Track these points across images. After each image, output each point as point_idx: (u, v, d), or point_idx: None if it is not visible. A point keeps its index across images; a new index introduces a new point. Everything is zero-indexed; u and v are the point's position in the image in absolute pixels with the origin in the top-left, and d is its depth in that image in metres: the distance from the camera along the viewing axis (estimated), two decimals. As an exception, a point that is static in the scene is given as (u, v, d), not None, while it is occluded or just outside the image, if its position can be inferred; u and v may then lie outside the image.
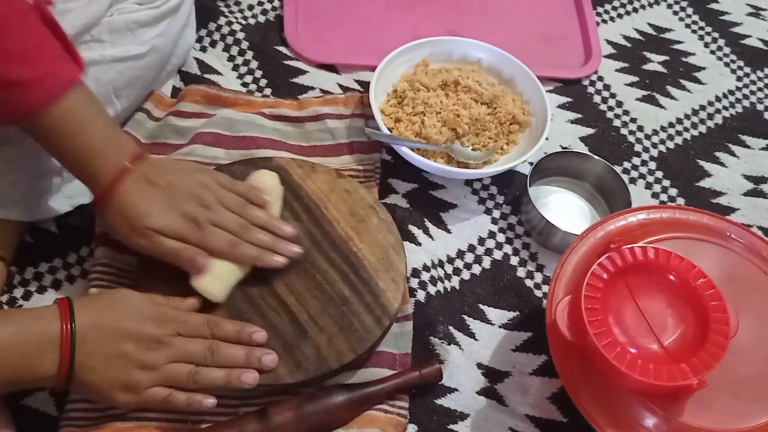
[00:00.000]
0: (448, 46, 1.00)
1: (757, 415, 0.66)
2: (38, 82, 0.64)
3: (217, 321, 0.70)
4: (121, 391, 0.64)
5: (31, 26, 0.65)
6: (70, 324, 0.61)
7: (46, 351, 0.60)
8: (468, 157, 0.92)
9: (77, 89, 0.67)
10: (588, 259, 0.73)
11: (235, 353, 0.69)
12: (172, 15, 0.88)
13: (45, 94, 0.65)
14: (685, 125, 1.06)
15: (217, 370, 0.67)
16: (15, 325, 0.61)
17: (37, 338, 0.60)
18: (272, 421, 0.68)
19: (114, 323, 0.64)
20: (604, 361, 0.65)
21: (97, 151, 0.68)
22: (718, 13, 1.22)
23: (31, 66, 0.64)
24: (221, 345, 0.68)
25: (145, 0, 0.84)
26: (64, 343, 0.61)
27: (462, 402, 0.77)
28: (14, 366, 0.60)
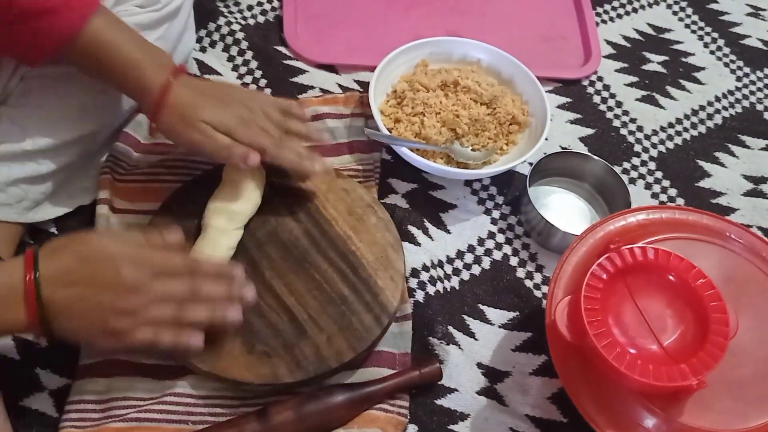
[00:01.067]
0: (448, 46, 1.00)
1: (756, 416, 0.66)
2: (67, 6, 0.67)
3: (196, 261, 0.69)
4: (103, 337, 0.63)
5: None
6: (33, 273, 0.60)
7: (12, 301, 0.59)
8: (467, 158, 0.92)
9: (105, 13, 0.71)
10: (588, 260, 0.73)
11: (217, 289, 0.67)
12: (172, 19, 0.88)
13: (76, 16, 0.68)
14: (684, 125, 1.06)
15: (200, 308, 0.66)
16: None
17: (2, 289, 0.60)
18: (272, 420, 0.68)
19: (85, 271, 0.62)
20: (604, 362, 0.65)
21: (144, 62, 0.73)
22: (717, 14, 1.22)
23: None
24: (203, 283, 0.66)
25: (146, 2, 0.84)
26: (28, 291, 0.59)
27: (462, 402, 0.77)
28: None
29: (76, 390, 0.71)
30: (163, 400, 0.71)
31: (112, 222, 0.80)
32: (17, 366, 0.73)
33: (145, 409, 0.70)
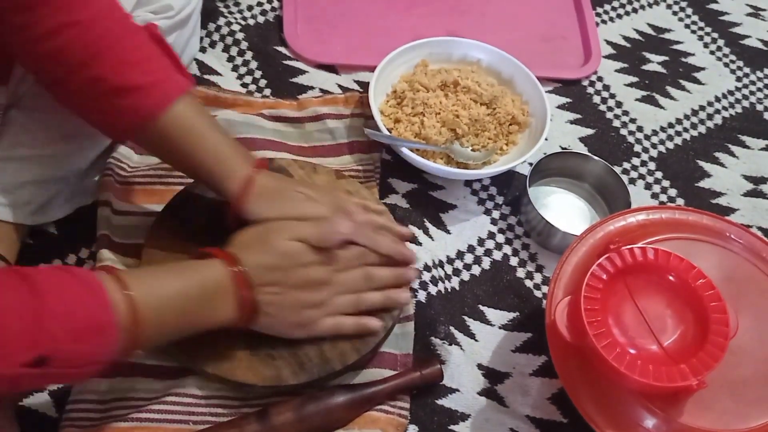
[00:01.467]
0: (448, 46, 1.00)
1: (756, 416, 0.66)
2: (154, 86, 0.67)
3: (364, 252, 0.73)
4: (295, 329, 0.70)
5: (143, 42, 0.69)
6: (238, 266, 0.64)
7: (222, 296, 0.63)
8: (467, 158, 0.92)
9: (190, 98, 0.70)
10: (587, 260, 0.73)
11: (386, 275, 0.74)
12: (183, 26, 0.89)
13: (161, 97, 0.68)
14: (684, 125, 1.06)
15: (375, 294, 0.73)
16: (181, 279, 0.63)
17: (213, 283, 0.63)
18: (273, 421, 0.68)
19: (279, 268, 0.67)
20: (604, 362, 0.65)
21: (229, 149, 0.71)
22: (717, 14, 1.22)
23: (147, 73, 0.67)
24: (374, 270, 0.73)
25: (159, 10, 0.85)
26: (240, 284, 0.64)
27: (463, 402, 0.77)
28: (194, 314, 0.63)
29: (76, 390, 0.71)
30: (164, 400, 0.70)
31: (114, 224, 0.80)
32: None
33: (145, 409, 0.70)
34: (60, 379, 0.54)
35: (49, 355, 0.51)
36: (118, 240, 0.80)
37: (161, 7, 0.86)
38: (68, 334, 0.52)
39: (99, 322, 0.55)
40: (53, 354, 0.51)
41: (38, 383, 0.52)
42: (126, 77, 0.66)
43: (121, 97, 0.66)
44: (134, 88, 0.66)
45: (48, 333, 0.51)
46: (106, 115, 0.69)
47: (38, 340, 0.50)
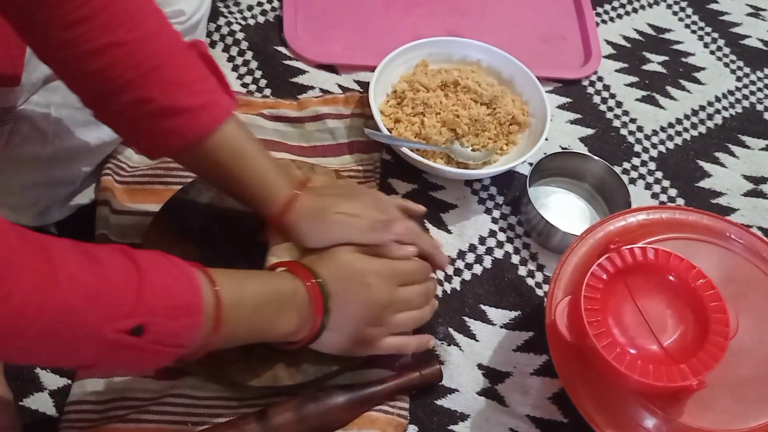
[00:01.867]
0: (448, 46, 1.00)
1: (756, 416, 0.66)
2: (203, 108, 0.66)
3: (424, 265, 0.74)
4: (357, 346, 0.70)
5: (192, 62, 0.68)
6: (316, 279, 0.66)
7: (294, 306, 0.64)
8: (467, 158, 0.92)
9: (235, 120, 0.70)
10: (588, 260, 0.73)
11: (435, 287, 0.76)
12: (194, 31, 0.90)
13: (210, 120, 0.67)
14: (684, 125, 1.06)
15: (427, 309, 0.74)
16: (260, 284, 0.64)
17: (288, 294, 0.64)
18: (272, 421, 0.68)
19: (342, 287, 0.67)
20: (604, 362, 0.65)
21: (272, 172, 0.71)
22: (717, 14, 1.22)
23: (197, 95, 0.66)
24: (430, 285, 0.74)
25: (171, 15, 0.85)
26: (315, 297, 0.65)
27: (462, 402, 0.77)
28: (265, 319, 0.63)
29: (75, 391, 0.71)
30: (163, 401, 0.71)
31: (112, 223, 0.80)
32: (17, 366, 0.73)
33: (144, 410, 0.70)
34: (148, 356, 0.55)
35: (146, 325, 0.53)
36: (116, 239, 0.80)
37: (174, 12, 0.86)
38: (164, 308, 0.54)
39: (190, 303, 0.56)
40: (150, 324, 0.53)
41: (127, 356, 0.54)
42: (174, 99, 0.64)
43: (168, 118, 0.65)
44: (182, 110, 0.65)
45: (148, 304, 0.53)
46: (150, 136, 0.67)
47: (138, 309, 0.52)
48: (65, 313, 0.49)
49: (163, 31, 0.66)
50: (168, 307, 0.55)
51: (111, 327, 0.51)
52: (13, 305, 0.46)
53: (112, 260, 0.53)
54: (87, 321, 0.50)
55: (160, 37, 0.65)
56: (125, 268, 0.53)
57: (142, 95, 0.64)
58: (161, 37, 0.66)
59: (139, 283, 0.53)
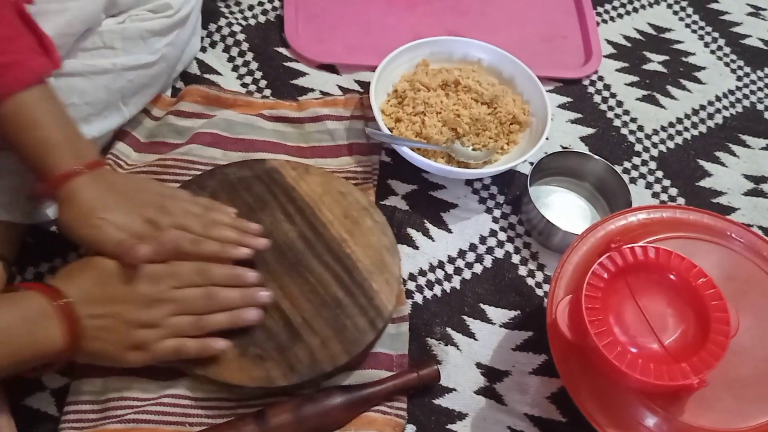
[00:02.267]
0: (449, 46, 1.00)
1: (757, 415, 0.66)
2: (7, 67, 0.64)
3: (207, 267, 0.70)
4: (130, 352, 0.65)
5: (6, 18, 0.65)
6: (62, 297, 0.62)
7: (45, 327, 0.61)
8: (468, 157, 0.92)
9: (45, 86, 0.67)
10: (588, 259, 0.73)
11: (232, 295, 0.70)
12: (182, 25, 0.89)
13: (12, 81, 0.65)
14: (685, 125, 1.06)
15: (219, 314, 0.69)
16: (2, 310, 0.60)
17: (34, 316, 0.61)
18: (270, 422, 0.68)
19: (105, 290, 0.64)
20: (605, 361, 0.65)
21: (55, 146, 0.67)
22: (718, 13, 1.22)
23: (5, 53, 0.64)
24: (217, 289, 0.69)
25: (158, 8, 0.85)
26: (65, 314, 0.61)
27: (460, 402, 0.77)
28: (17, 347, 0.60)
29: (73, 390, 0.71)
30: (161, 401, 0.71)
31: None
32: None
33: (142, 410, 0.70)
34: None
35: None
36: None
37: (160, 5, 0.86)
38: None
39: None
40: None
41: None
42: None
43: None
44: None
45: None
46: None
47: None
48: None
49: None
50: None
51: None
52: None
53: None
54: None
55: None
56: None
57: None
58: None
59: None
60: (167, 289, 0.67)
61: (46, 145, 0.67)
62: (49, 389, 0.72)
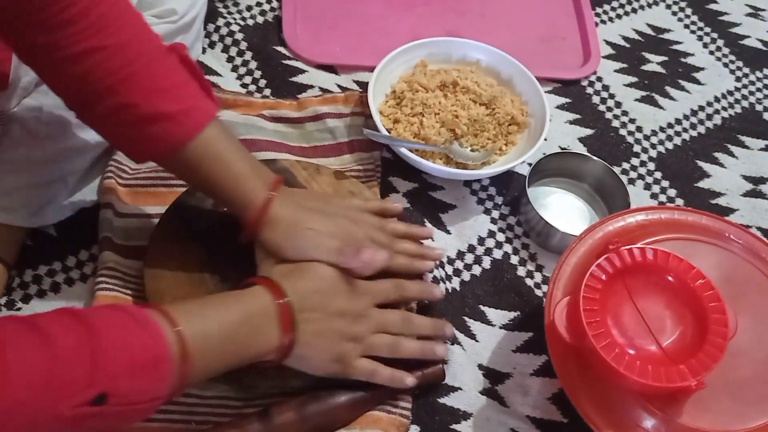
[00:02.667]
0: (447, 46, 1.00)
1: (755, 417, 0.66)
2: (185, 114, 0.66)
3: (402, 284, 0.73)
4: (332, 362, 0.67)
5: (173, 67, 0.68)
6: (285, 297, 0.64)
7: (265, 327, 0.63)
8: (467, 158, 0.92)
9: (217, 122, 0.69)
10: (587, 260, 0.73)
11: (425, 323, 0.74)
12: (187, 31, 0.89)
13: (192, 125, 0.67)
14: (684, 126, 1.06)
15: (412, 341, 0.71)
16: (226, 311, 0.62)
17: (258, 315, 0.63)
18: (275, 421, 0.68)
19: (320, 298, 0.66)
20: (603, 363, 0.65)
21: (247, 178, 0.70)
22: (717, 14, 1.22)
23: (178, 100, 0.66)
24: (413, 316, 0.73)
25: (163, 14, 0.85)
26: (283, 314, 0.63)
27: (465, 401, 0.77)
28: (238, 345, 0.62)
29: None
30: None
31: (115, 226, 0.80)
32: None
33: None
34: (119, 419, 0.53)
35: (108, 392, 0.51)
36: (120, 242, 0.80)
37: (165, 11, 0.86)
38: (125, 369, 0.52)
39: (154, 356, 0.55)
40: (112, 390, 0.51)
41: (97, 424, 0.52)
42: (156, 105, 0.65)
43: (150, 124, 0.65)
44: (164, 117, 0.65)
45: (106, 370, 0.51)
46: (134, 142, 0.67)
47: (97, 377, 0.51)
48: (19, 406, 0.48)
49: (142, 35, 0.67)
50: (129, 366, 0.53)
51: (68, 404, 0.49)
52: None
53: (61, 330, 0.51)
54: (43, 407, 0.49)
55: (139, 42, 0.66)
56: (77, 337, 0.51)
57: (123, 101, 0.64)
58: (141, 42, 0.66)
59: (94, 349, 0.51)
60: (368, 308, 0.69)
61: (237, 179, 0.69)
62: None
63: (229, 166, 0.69)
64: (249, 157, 0.72)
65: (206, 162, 0.68)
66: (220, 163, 0.69)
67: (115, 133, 0.68)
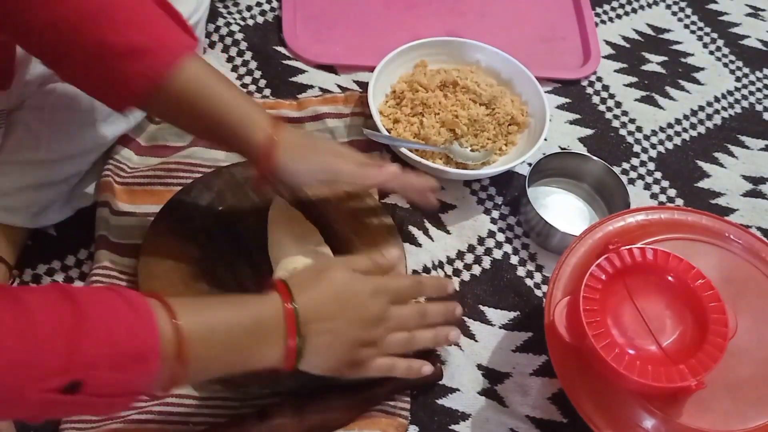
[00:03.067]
0: (447, 46, 1.00)
1: (755, 416, 0.66)
2: (160, 45, 0.64)
3: (420, 280, 0.73)
4: (348, 368, 0.66)
5: (147, 4, 0.66)
6: (291, 303, 0.60)
7: (271, 334, 0.59)
8: (467, 158, 0.92)
9: (197, 57, 0.67)
10: (587, 260, 0.73)
11: (438, 312, 0.71)
12: None
13: (168, 57, 0.64)
14: (684, 126, 1.06)
15: (426, 332, 0.70)
16: (233, 312, 0.59)
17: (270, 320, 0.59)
18: (272, 421, 0.68)
19: (336, 306, 0.63)
20: (603, 363, 0.65)
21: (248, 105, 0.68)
22: (717, 14, 1.22)
23: (152, 32, 0.64)
24: (428, 306, 0.71)
25: None
26: (288, 321, 0.60)
27: (464, 402, 0.77)
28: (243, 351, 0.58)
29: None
30: (165, 401, 0.71)
31: (112, 224, 0.80)
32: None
33: (146, 410, 0.70)
34: (90, 409, 0.50)
35: (83, 381, 0.47)
36: (116, 240, 0.80)
37: None
38: (107, 359, 0.49)
39: (142, 349, 0.51)
40: (88, 380, 0.48)
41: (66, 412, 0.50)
42: (129, 39, 0.62)
43: (126, 61, 0.63)
44: (139, 51, 0.63)
45: (84, 357, 0.48)
46: (113, 84, 0.65)
47: (72, 363, 0.47)
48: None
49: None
50: (112, 356, 0.49)
51: (35, 388, 0.46)
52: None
53: (43, 308, 0.48)
54: (5, 386, 0.46)
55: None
56: (59, 317, 0.48)
57: (97, 39, 0.62)
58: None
59: (75, 332, 0.48)
60: (387, 306, 0.66)
61: (241, 109, 0.68)
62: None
63: (222, 99, 0.67)
64: (241, 91, 0.70)
65: (194, 97, 0.66)
66: (210, 97, 0.66)
67: (94, 80, 0.66)
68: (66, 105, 0.75)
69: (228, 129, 0.68)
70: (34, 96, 0.78)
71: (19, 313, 0.47)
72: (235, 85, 0.70)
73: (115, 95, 0.66)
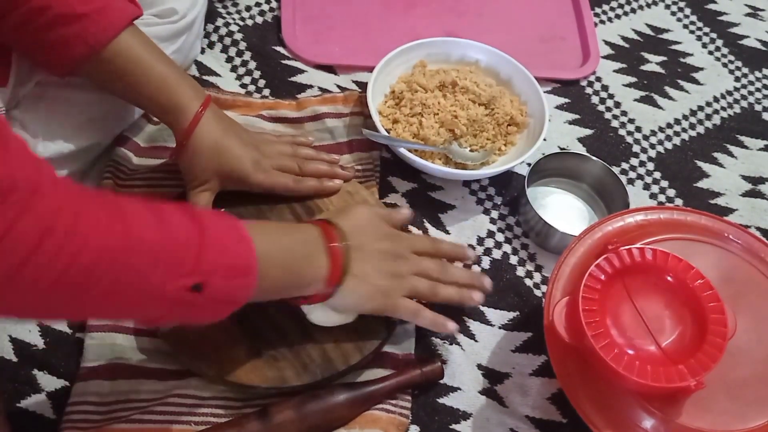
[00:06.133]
0: (446, 47, 1.00)
1: (755, 417, 0.66)
2: (100, 12, 0.66)
3: (437, 240, 0.78)
4: (379, 295, 0.70)
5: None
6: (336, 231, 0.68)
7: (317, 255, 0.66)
8: (466, 158, 0.92)
9: (136, 28, 0.69)
10: (586, 261, 0.73)
11: (461, 273, 0.77)
12: (188, 31, 0.89)
13: (107, 25, 0.67)
14: (683, 126, 1.06)
15: (451, 287, 0.74)
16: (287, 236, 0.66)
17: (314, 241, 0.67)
18: (273, 420, 0.68)
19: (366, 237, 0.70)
20: (602, 363, 0.65)
21: (176, 80, 0.71)
22: (716, 14, 1.22)
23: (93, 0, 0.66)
24: (448, 264, 0.76)
25: (163, 13, 0.85)
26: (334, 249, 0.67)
27: (465, 401, 0.77)
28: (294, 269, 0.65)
29: (77, 391, 0.71)
30: (166, 401, 0.71)
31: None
32: (14, 367, 0.73)
33: (147, 410, 0.70)
34: (203, 312, 0.57)
35: (204, 283, 0.54)
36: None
37: (165, 11, 0.86)
38: (222, 268, 0.56)
39: (246, 264, 0.58)
40: (208, 283, 0.54)
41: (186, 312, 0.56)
42: (70, 5, 0.65)
43: (66, 25, 0.65)
44: (80, 16, 0.65)
45: (207, 263, 0.55)
46: (51, 47, 0.67)
47: (198, 267, 0.54)
48: (134, 272, 0.51)
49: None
50: (226, 266, 0.56)
51: (173, 284, 0.53)
52: (86, 259, 0.49)
53: (176, 219, 0.55)
54: (152, 280, 0.52)
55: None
56: (188, 228, 0.55)
57: (37, 5, 0.63)
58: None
59: (201, 242, 0.55)
60: (407, 251, 0.72)
61: (169, 80, 0.71)
62: (45, 392, 0.72)
63: (152, 70, 0.70)
64: (173, 64, 0.72)
65: (128, 65, 0.68)
66: (142, 66, 0.69)
67: (33, 42, 0.67)
68: (62, 104, 0.76)
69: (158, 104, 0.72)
70: (30, 94, 0.78)
71: (160, 219, 0.54)
72: (170, 60, 0.73)
73: (53, 59, 0.68)
